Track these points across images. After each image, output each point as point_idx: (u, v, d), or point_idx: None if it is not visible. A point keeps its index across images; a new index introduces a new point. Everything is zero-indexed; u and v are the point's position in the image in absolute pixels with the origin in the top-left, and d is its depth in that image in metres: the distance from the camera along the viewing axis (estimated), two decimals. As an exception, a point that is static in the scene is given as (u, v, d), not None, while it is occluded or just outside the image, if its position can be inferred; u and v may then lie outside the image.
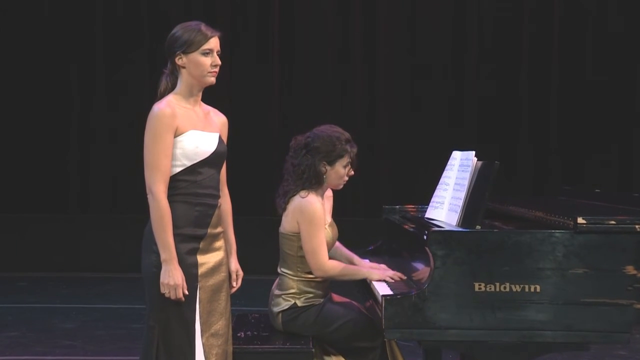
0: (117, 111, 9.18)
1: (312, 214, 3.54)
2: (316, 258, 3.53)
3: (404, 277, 3.58)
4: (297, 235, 3.59)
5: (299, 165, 3.62)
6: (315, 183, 3.62)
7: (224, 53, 3.35)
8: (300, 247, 3.59)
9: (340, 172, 3.64)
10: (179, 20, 3.45)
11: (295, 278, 3.64)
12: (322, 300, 3.66)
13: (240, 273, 3.47)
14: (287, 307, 3.63)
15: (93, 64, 9.21)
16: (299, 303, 3.62)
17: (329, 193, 3.78)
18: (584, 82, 8.95)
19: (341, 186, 3.72)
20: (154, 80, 3.35)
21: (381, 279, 3.55)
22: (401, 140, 9.07)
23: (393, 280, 3.53)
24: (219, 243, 3.31)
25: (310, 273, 3.61)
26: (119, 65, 9.20)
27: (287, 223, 3.63)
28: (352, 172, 3.70)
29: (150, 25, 9.08)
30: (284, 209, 3.65)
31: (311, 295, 3.64)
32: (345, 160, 3.64)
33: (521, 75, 9.02)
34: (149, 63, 8.92)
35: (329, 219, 3.74)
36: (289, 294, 3.64)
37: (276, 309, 3.66)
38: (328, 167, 3.62)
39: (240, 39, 9.12)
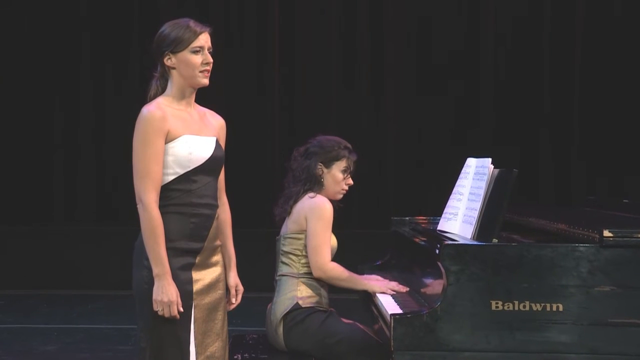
0: (105, 116, 9.22)
1: (322, 210, 3.71)
2: (318, 256, 3.68)
3: (407, 289, 3.63)
4: (304, 233, 3.74)
5: (297, 169, 3.82)
6: (315, 184, 3.79)
7: (221, 54, 3.37)
8: (306, 245, 3.72)
9: (337, 176, 3.80)
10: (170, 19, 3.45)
11: (298, 276, 3.75)
12: (325, 307, 3.76)
13: (240, 288, 3.44)
14: (289, 308, 3.69)
15: (78, 68, 9.25)
16: (302, 303, 3.70)
17: None
18: (609, 80, 8.93)
19: (340, 196, 3.86)
20: (144, 84, 3.36)
21: (382, 292, 3.66)
22: (411, 146, 9.08)
23: (394, 292, 3.61)
24: (216, 257, 3.30)
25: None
26: (107, 69, 9.23)
27: (292, 223, 3.78)
28: (351, 182, 3.86)
29: (140, 27, 9.11)
30: (289, 212, 3.79)
31: (315, 297, 3.73)
32: (343, 164, 3.81)
33: (543, 75, 9.02)
34: (139, 65, 8.93)
35: None
36: (290, 293, 3.72)
37: (277, 316, 3.70)
38: (325, 170, 3.80)
39: (239, 39, 9.15)
